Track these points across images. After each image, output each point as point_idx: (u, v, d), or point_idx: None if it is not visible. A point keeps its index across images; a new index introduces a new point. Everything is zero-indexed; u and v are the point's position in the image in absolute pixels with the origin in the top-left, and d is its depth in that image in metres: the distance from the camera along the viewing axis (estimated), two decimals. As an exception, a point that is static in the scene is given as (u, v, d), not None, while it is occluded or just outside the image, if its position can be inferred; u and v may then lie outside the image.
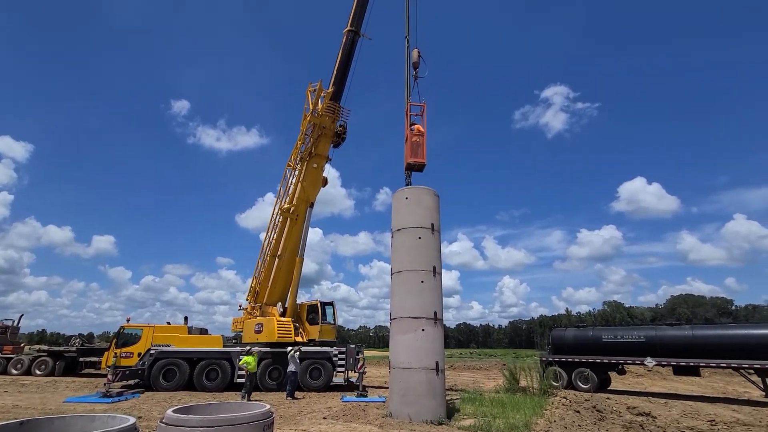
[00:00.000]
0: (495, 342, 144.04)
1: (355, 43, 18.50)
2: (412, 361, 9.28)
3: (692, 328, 15.09)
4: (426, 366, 9.24)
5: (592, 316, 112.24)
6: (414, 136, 11.11)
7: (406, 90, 12.02)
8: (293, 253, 18.29)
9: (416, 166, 11.20)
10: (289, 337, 16.48)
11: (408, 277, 9.98)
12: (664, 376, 23.16)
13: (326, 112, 18.07)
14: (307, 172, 18.46)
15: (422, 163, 11.18)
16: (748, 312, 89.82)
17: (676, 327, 15.43)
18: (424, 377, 9.16)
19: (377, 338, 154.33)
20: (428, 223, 10.37)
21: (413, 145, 11.07)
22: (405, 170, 11.35)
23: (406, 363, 9.32)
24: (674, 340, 14.74)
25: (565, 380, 16.50)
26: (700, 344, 14.21)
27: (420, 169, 11.33)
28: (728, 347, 13.73)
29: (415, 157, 11.06)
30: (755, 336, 13.54)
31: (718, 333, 14.49)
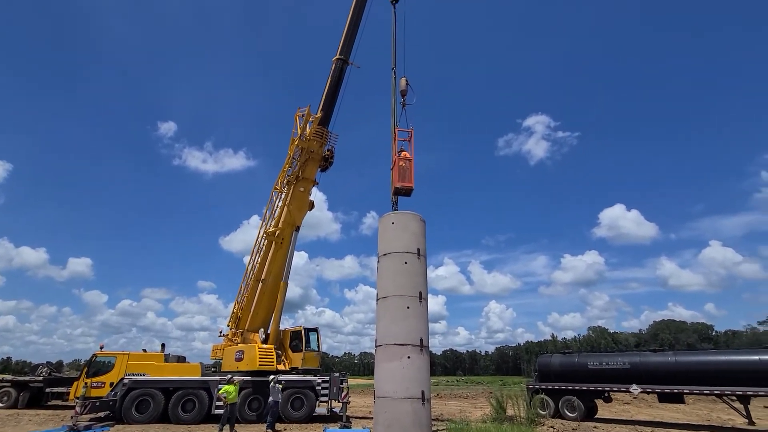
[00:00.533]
0: (482, 369, 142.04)
1: (344, 71, 18.96)
2: (398, 390, 9.05)
3: (675, 354, 15.22)
4: (412, 395, 9.02)
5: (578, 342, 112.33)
6: (401, 161, 11.26)
7: (393, 118, 12.29)
8: (277, 277, 17.96)
9: (404, 190, 11.29)
10: (271, 365, 15.94)
11: (394, 302, 9.87)
12: (649, 403, 23.10)
13: (314, 136, 18.25)
14: (294, 196, 18.41)
15: (410, 187, 11.28)
16: (728, 338, 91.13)
17: (659, 353, 15.53)
18: (410, 407, 8.92)
19: (362, 365, 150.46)
20: (414, 248, 10.37)
21: (401, 170, 11.19)
22: (393, 194, 11.41)
23: (392, 392, 9.08)
24: (658, 367, 14.81)
25: (552, 408, 16.29)
26: (684, 371, 14.31)
27: (408, 194, 11.42)
28: (711, 374, 13.86)
29: (403, 182, 11.16)
30: (736, 362, 13.72)
31: (701, 359, 14.64)
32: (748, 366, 13.32)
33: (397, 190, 11.28)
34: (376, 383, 9.63)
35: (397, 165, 11.26)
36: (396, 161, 11.35)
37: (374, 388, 9.64)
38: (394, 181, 11.30)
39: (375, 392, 9.54)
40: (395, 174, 11.26)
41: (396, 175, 11.23)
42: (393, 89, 12.64)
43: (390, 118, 12.59)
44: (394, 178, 11.28)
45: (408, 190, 11.33)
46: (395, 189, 11.27)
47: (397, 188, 11.23)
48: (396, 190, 11.27)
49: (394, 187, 11.27)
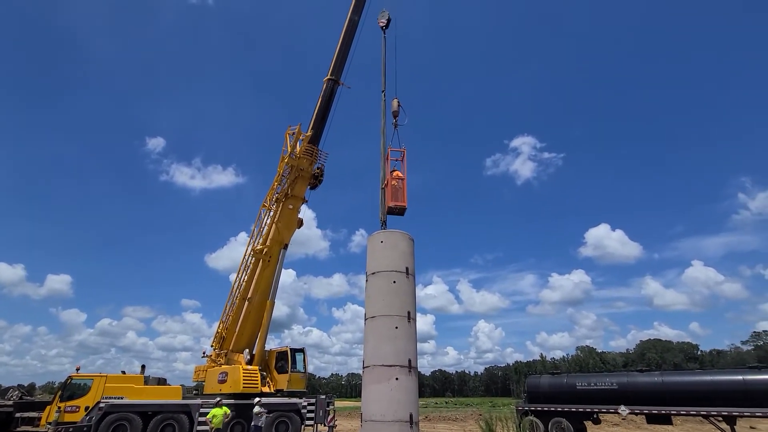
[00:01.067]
0: (471, 390, 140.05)
1: (335, 91, 19.27)
2: (386, 413, 8.86)
3: (662, 374, 15.29)
4: (400, 418, 8.83)
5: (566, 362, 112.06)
6: (394, 180, 11.34)
7: (382, 138, 12.45)
8: (264, 295, 17.67)
9: (397, 209, 11.34)
10: (255, 387, 15.49)
11: (382, 322, 9.76)
12: (638, 424, 22.99)
13: (304, 154, 18.34)
14: (283, 213, 18.33)
15: (403, 206, 11.32)
16: (713, 357, 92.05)
17: (646, 373, 15.58)
18: (398, 430, 8.71)
19: (350, 387, 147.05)
20: (403, 267, 10.34)
21: (394, 189, 11.26)
22: (386, 213, 11.43)
23: (379, 415, 8.88)
24: (646, 387, 14.83)
25: (542, 430, 16.10)
26: (670, 391, 14.35)
27: (401, 213, 11.47)
28: (697, 394, 13.92)
29: (396, 201, 11.21)
30: (721, 382, 13.83)
31: (687, 380, 14.72)
32: (733, 386, 13.43)
33: (390, 210, 11.33)
34: (363, 406, 9.42)
35: (390, 184, 11.33)
36: (389, 180, 11.43)
37: (361, 411, 9.42)
38: (387, 200, 11.34)
39: (362, 415, 9.32)
40: (388, 193, 11.31)
41: (389, 194, 11.29)
42: (383, 111, 12.88)
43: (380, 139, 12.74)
44: (387, 197, 11.32)
45: (401, 209, 11.39)
46: (388, 208, 11.31)
47: (391, 207, 11.28)
48: (389, 209, 11.32)
49: (387, 206, 11.30)
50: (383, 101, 13.00)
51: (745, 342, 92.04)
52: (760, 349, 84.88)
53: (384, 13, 15.29)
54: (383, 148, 12.41)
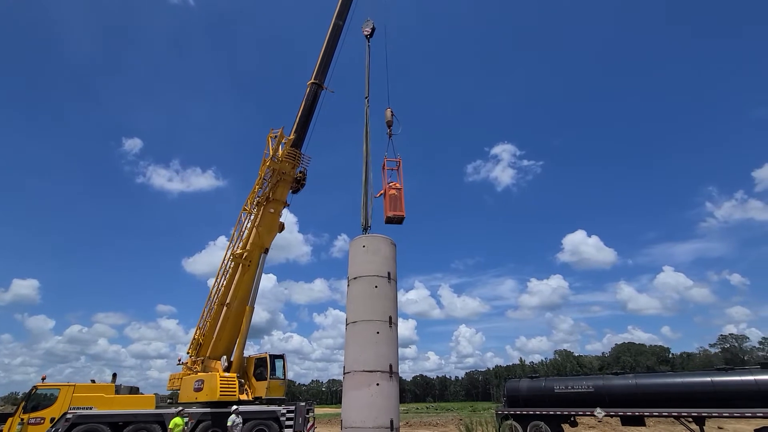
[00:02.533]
0: (452, 395, 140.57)
1: (318, 95, 19.21)
2: (366, 419, 8.78)
3: (636, 377, 15.74)
4: (380, 425, 8.77)
5: (545, 366, 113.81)
6: (392, 190, 11.48)
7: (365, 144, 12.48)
8: (243, 301, 17.32)
9: (396, 218, 11.46)
10: (233, 395, 15.12)
11: (363, 327, 9.71)
12: (613, 426, 23.52)
13: (286, 158, 18.17)
14: (264, 217, 18.06)
15: (402, 216, 11.46)
16: (683, 360, 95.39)
17: (621, 376, 16.01)
18: (378, 437, 8.64)
19: (330, 393, 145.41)
20: (385, 271, 10.34)
21: (393, 198, 11.38)
22: (386, 223, 11.55)
23: (360, 422, 8.80)
24: (620, 390, 15.22)
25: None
26: (644, 393, 14.77)
27: (400, 222, 11.59)
28: (668, 395, 14.37)
29: (395, 211, 11.33)
30: (691, 384, 14.33)
31: (659, 382, 15.19)
32: (702, 388, 13.93)
33: (389, 219, 11.44)
34: (343, 412, 9.32)
35: (389, 194, 11.44)
36: (387, 190, 11.55)
37: (341, 418, 9.31)
38: (386, 210, 11.43)
39: (342, 422, 9.21)
40: (387, 203, 11.41)
41: (388, 204, 11.41)
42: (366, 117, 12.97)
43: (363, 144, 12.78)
44: (386, 207, 11.42)
45: (400, 219, 11.53)
46: (387, 218, 11.41)
47: (390, 217, 11.39)
48: (388, 218, 11.43)
49: (387, 216, 11.39)
50: (366, 107, 13.07)
51: (713, 345, 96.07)
52: (727, 352, 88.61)
53: (368, 22, 15.43)
54: (366, 153, 12.47)
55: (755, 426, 12.93)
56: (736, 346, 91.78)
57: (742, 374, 13.73)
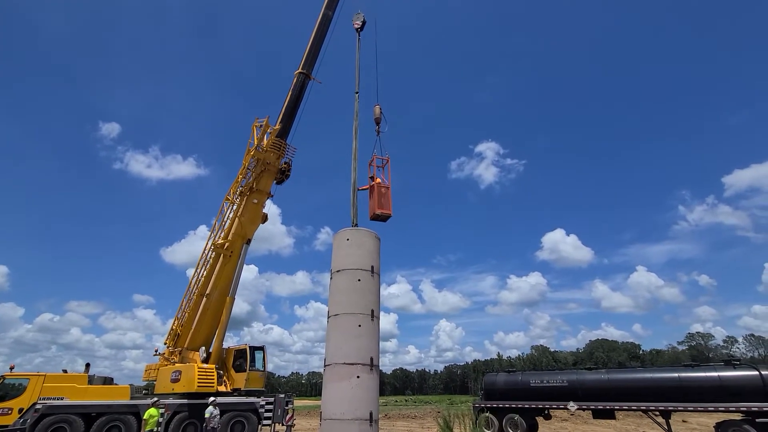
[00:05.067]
0: (431, 388, 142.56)
1: (306, 85, 18.94)
2: (345, 411, 8.83)
3: (608, 372, 16.28)
4: (360, 417, 8.83)
5: (522, 360, 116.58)
6: (381, 188, 11.52)
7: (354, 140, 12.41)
8: (224, 292, 17.08)
9: (382, 216, 11.50)
10: (211, 386, 14.96)
11: (345, 320, 9.73)
12: (585, 419, 24.34)
13: (271, 148, 17.90)
14: (246, 207, 17.80)
15: (388, 214, 11.53)
16: (653, 356, 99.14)
17: (594, 371, 16.54)
18: (357, 429, 8.71)
19: (310, 386, 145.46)
20: (369, 265, 10.36)
21: (380, 196, 11.43)
22: (371, 219, 11.59)
23: (339, 414, 8.84)
24: (593, 384, 15.72)
25: (497, 426, 16.66)
26: (615, 387, 15.29)
27: (385, 220, 11.64)
28: (637, 390, 14.93)
29: (382, 209, 11.38)
30: (659, 380, 14.91)
31: (629, 377, 15.76)
32: (669, 383, 14.51)
33: (376, 216, 11.49)
34: (323, 404, 9.34)
35: (376, 192, 11.46)
36: (374, 187, 11.58)
37: (321, 410, 9.34)
38: (372, 207, 11.46)
39: (321, 414, 9.24)
40: (375, 200, 11.44)
41: (375, 201, 11.44)
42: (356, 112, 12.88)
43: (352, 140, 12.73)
44: (374, 204, 11.45)
45: (386, 217, 11.59)
46: (374, 215, 11.46)
47: (377, 215, 11.43)
48: (375, 216, 11.48)
49: (374, 213, 11.43)
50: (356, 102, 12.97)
51: (681, 342, 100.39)
52: (694, 349, 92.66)
53: (359, 15, 15.26)
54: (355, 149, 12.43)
55: (717, 420, 13.56)
56: (702, 344, 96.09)
57: (706, 371, 14.35)
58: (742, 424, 12.33)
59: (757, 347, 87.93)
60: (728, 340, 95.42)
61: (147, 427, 11.41)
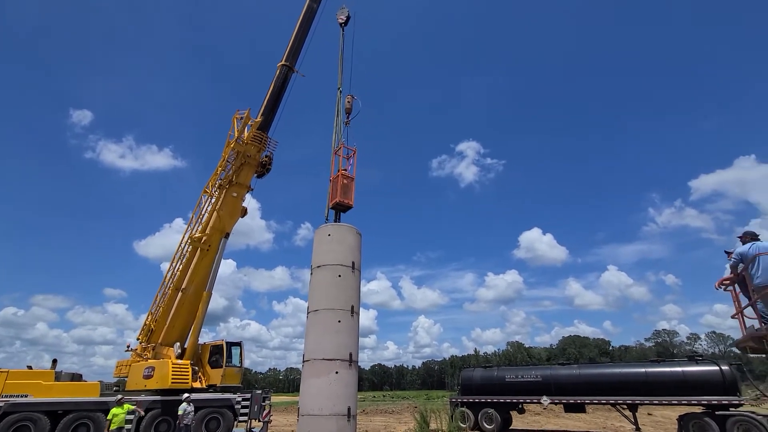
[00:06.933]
0: (408, 383, 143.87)
1: (289, 78, 18.66)
2: (324, 407, 8.83)
3: (579, 367, 16.84)
4: (338, 412, 8.85)
5: (498, 356, 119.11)
6: (344, 179, 11.49)
7: (335, 135, 12.41)
8: (200, 286, 16.73)
9: (343, 206, 11.47)
10: (185, 382, 14.66)
11: (325, 316, 9.71)
12: (557, 413, 25.11)
13: (252, 141, 17.58)
14: (225, 201, 17.45)
15: (349, 204, 11.53)
16: (621, 352, 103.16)
17: (566, 367, 17.07)
18: (335, 424, 8.73)
19: (287, 382, 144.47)
20: (349, 261, 10.36)
21: (344, 187, 11.41)
22: (331, 208, 11.52)
23: (317, 409, 8.83)
24: (565, 379, 16.23)
25: (472, 421, 16.99)
26: (585, 382, 15.85)
27: (345, 210, 11.64)
28: (607, 384, 15.51)
29: (344, 198, 11.36)
30: (627, 374, 15.54)
31: (599, 372, 16.37)
32: (636, 378, 15.14)
33: (336, 205, 11.45)
34: (300, 400, 9.31)
35: (340, 181, 11.45)
36: (338, 177, 11.55)
37: (299, 405, 9.31)
38: (335, 195, 11.44)
39: (299, 409, 9.21)
40: (338, 189, 11.43)
41: (339, 190, 11.41)
42: (337, 107, 12.86)
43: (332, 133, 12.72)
44: (336, 193, 11.43)
45: (347, 207, 11.58)
46: (335, 203, 11.44)
47: (337, 203, 11.40)
48: (335, 204, 11.46)
49: (334, 201, 11.41)
50: (339, 97, 12.92)
51: (648, 339, 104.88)
52: (660, 345, 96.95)
53: (343, 9, 15.18)
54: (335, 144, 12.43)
55: (680, 412, 14.24)
56: (667, 341, 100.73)
57: (671, 366, 15.05)
58: (703, 417, 12.96)
59: (718, 344, 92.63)
60: (692, 337, 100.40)
61: (112, 427, 11.07)
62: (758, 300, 5.61)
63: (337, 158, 12.00)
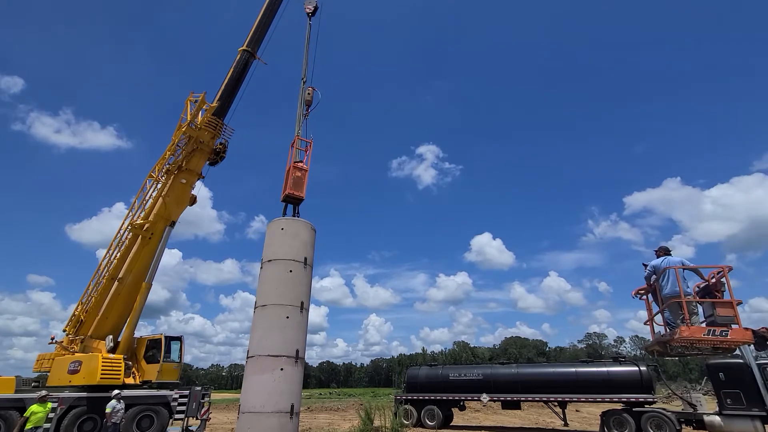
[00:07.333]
0: (356, 381, 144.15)
1: (249, 65, 18.00)
2: (266, 404, 8.66)
3: (517, 366, 17.83)
4: (280, 409, 8.72)
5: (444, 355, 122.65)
6: (297, 171, 11.32)
7: (297, 127, 12.23)
8: (139, 276, 15.70)
9: (294, 198, 11.31)
10: (116, 378, 13.72)
11: (273, 311, 9.52)
12: (495, 410, 26.36)
13: (207, 126, 16.76)
14: (173, 187, 16.50)
15: (301, 197, 11.37)
16: (557, 353, 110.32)
17: (506, 366, 17.99)
18: (276, 422, 8.59)
19: (231, 378, 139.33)
20: (302, 256, 10.23)
21: (296, 178, 11.23)
22: (282, 200, 11.35)
23: (259, 407, 8.64)
24: (504, 378, 17.11)
25: (415, 418, 17.41)
26: (522, 381, 16.81)
27: (297, 203, 11.48)
28: (541, 383, 16.56)
29: (296, 190, 11.19)
30: (560, 374, 16.68)
31: (535, 371, 17.44)
32: (568, 377, 16.30)
33: (287, 197, 11.28)
34: (242, 397, 9.07)
35: (293, 173, 11.28)
36: (291, 168, 11.38)
37: (240, 403, 9.06)
38: (287, 187, 11.25)
39: (240, 407, 8.96)
40: (289, 181, 11.25)
41: (290, 182, 11.23)
42: (300, 99, 12.68)
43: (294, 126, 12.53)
44: (288, 184, 11.24)
45: (298, 200, 11.42)
46: (286, 195, 11.27)
47: (288, 195, 11.23)
48: (286, 196, 11.28)
49: (285, 193, 11.23)
50: (302, 89, 12.72)
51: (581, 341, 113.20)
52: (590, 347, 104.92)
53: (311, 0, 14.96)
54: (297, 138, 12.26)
55: (604, 409, 15.51)
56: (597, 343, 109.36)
57: (598, 366, 16.38)
58: (622, 413, 14.22)
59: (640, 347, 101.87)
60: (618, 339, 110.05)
61: (28, 425, 10.11)
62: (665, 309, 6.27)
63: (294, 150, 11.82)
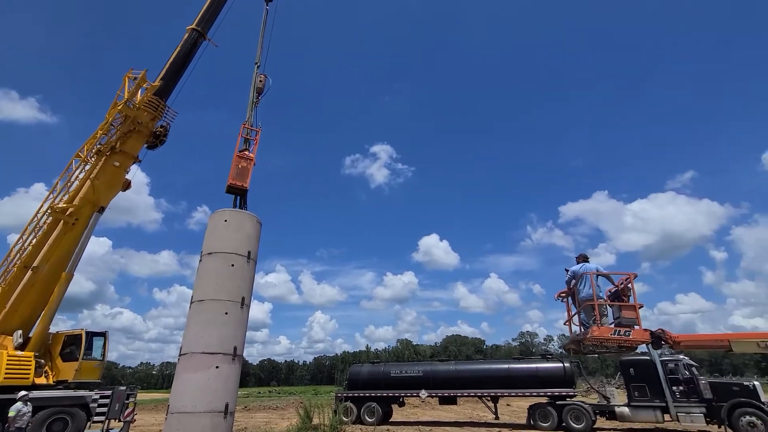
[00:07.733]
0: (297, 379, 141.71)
1: (198, 45, 16.93)
2: (198, 404, 8.27)
3: (455, 363, 18.56)
4: (214, 409, 8.37)
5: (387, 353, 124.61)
6: (243, 161, 10.94)
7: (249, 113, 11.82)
8: (58, 266, 14.21)
9: (238, 189, 10.93)
10: (25, 378, 12.35)
11: (211, 306, 9.12)
12: (433, 406, 27.23)
13: (146, 106, 15.52)
14: (104, 170, 15.10)
15: (245, 188, 11.01)
16: (493, 350, 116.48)
17: (445, 363, 18.67)
18: (209, 422, 8.24)
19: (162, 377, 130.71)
20: (245, 250, 9.90)
21: (241, 168, 10.85)
22: (226, 191, 10.91)
23: (190, 407, 8.23)
24: (442, 374, 17.72)
25: (355, 415, 17.50)
26: (459, 377, 17.52)
27: (241, 194, 11.11)
28: (476, 379, 17.36)
29: (239, 181, 10.82)
30: (494, 370, 17.61)
31: (471, 368, 18.26)
32: (501, 373, 17.25)
33: (230, 187, 10.89)
34: (171, 397, 8.59)
35: (238, 162, 10.90)
36: (236, 158, 10.99)
37: (169, 403, 8.57)
38: (230, 177, 10.84)
39: (169, 407, 8.48)
40: (233, 170, 10.86)
41: (234, 171, 10.84)
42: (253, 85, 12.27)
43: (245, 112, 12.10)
44: (232, 174, 10.85)
45: (242, 191, 11.06)
46: (229, 186, 10.87)
47: (231, 185, 10.84)
48: (229, 187, 10.87)
49: (229, 183, 10.83)
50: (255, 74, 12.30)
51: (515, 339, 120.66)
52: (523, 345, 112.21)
53: None
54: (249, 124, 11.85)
55: (531, 402, 16.60)
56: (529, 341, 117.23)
57: (528, 363, 17.54)
58: (546, 406, 15.34)
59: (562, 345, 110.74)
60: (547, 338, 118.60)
61: None
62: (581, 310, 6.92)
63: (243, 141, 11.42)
